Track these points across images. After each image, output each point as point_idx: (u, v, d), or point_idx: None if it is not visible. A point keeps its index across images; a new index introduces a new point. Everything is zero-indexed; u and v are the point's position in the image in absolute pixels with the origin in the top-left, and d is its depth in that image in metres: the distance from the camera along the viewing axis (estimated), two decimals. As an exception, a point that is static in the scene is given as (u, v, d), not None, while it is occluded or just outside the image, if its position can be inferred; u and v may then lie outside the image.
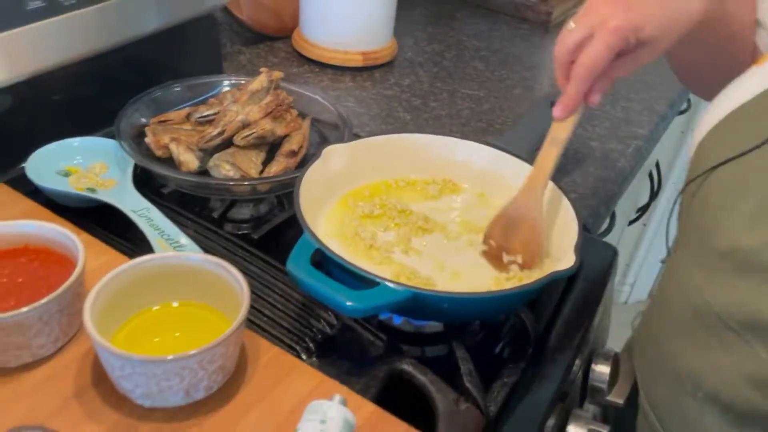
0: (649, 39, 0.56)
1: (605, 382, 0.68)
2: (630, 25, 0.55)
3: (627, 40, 0.55)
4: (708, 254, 0.53)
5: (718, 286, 0.52)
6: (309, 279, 0.53)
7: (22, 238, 0.52)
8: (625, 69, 0.59)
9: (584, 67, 0.56)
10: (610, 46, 0.55)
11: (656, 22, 0.55)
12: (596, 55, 0.55)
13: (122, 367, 0.44)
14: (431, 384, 0.54)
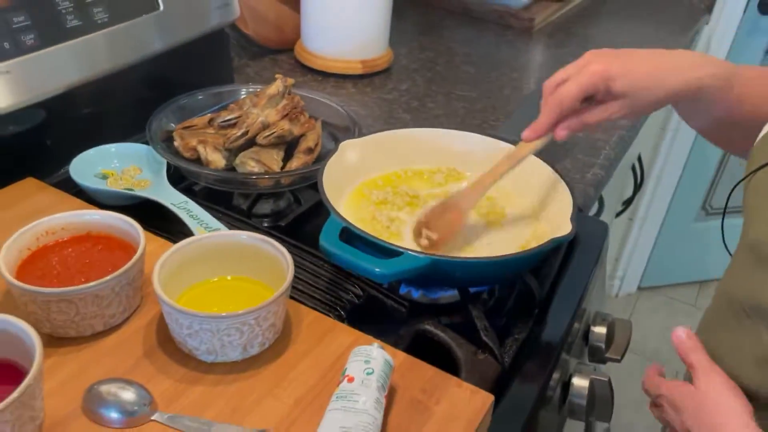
0: (620, 92, 0.62)
1: (603, 342, 0.76)
2: (604, 74, 0.61)
3: (596, 85, 0.62)
4: (743, 248, 0.59)
5: (742, 275, 0.58)
6: (341, 252, 0.60)
7: (84, 226, 0.59)
8: (595, 116, 0.64)
9: (556, 100, 0.63)
10: (581, 86, 0.62)
11: (631, 80, 0.61)
12: (568, 92, 0.62)
13: (190, 325, 0.50)
14: (452, 340, 0.62)
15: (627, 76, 0.62)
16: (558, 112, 0.64)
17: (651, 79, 0.62)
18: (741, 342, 0.57)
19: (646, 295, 2.30)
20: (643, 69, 0.62)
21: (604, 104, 0.64)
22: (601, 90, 0.62)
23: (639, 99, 0.62)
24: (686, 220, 2.17)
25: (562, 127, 0.65)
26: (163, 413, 0.48)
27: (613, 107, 0.63)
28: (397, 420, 0.50)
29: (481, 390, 0.53)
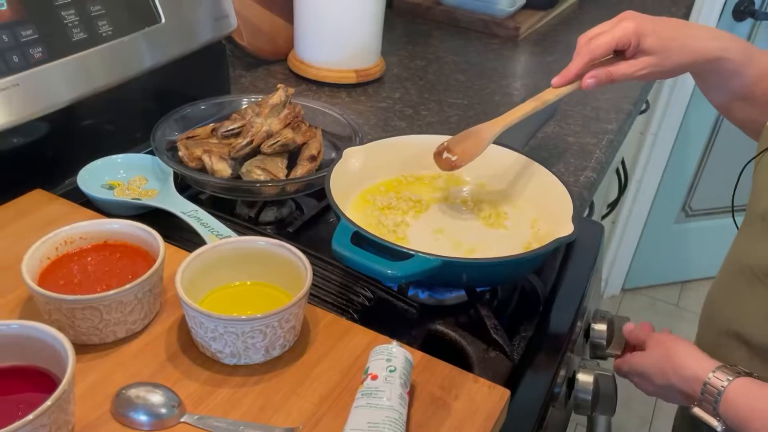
0: (648, 49, 0.66)
1: (604, 338, 0.78)
2: (637, 30, 0.66)
3: (630, 39, 0.66)
4: (753, 219, 0.63)
5: (756, 243, 0.62)
6: (354, 255, 0.62)
7: (102, 235, 0.60)
8: (622, 69, 0.68)
9: (588, 48, 0.68)
10: (614, 37, 0.66)
11: (662, 38, 0.66)
12: (601, 41, 0.67)
13: (215, 328, 0.52)
14: (463, 338, 0.63)
15: (657, 34, 0.66)
16: (588, 60, 0.68)
17: (678, 41, 0.67)
18: (754, 304, 0.61)
19: (630, 296, 2.35)
20: (672, 32, 0.67)
21: (632, 59, 0.68)
22: (632, 44, 0.66)
23: (665, 59, 0.67)
24: (667, 222, 2.22)
25: (590, 74, 0.69)
26: (192, 415, 0.50)
27: (640, 63, 0.67)
28: (418, 416, 0.51)
29: (497, 385, 0.55)
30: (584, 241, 0.82)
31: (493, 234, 0.75)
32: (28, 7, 0.71)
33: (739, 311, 0.63)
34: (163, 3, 0.85)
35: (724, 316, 0.66)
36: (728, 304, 0.66)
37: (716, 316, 0.68)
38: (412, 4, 1.57)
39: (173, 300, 0.60)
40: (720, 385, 0.59)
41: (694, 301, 2.33)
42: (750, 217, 0.65)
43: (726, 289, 0.67)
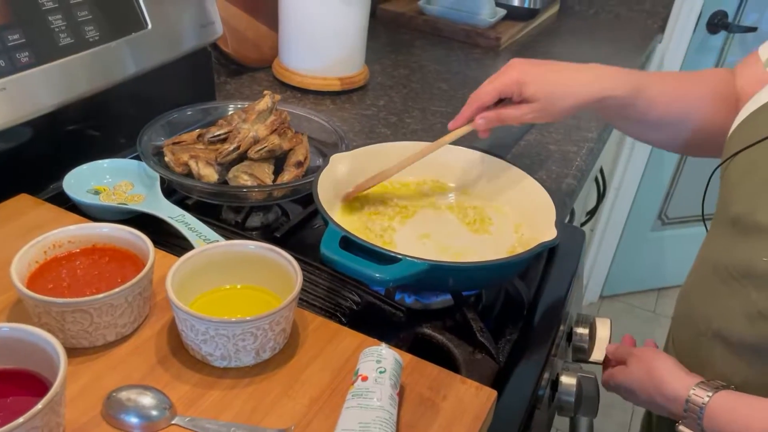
0: (531, 97, 0.72)
1: (586, 342, 0.80)
2: (518, 80, 0.72)
3: (511, 88, 0.72)
4: (725, 222, 0.65)
5: (729, 245, 0.63)
6: (342, 259, 0.63)
7: (90, 239, 0.60)
8: (509, 113, 0.74)
9: (474, 96, 0.75)
10: (496, 88, 0.73)
11: (542, 87, 0.71)
12: (484, 91, 0.74)
13: (206, 331, 0.52)
14: (449, 341, 0.64)
15: (538, 84, 0.72)
16: (477, 107, 0.75)
17: (560, 89, 0.72)
18: (731, 302, 0.62)
19: (608, 303, 2.38)
20: (553, 79, 0.73)
21: (518, 105, 0.74)
22: (515, 93, 0.73)
23: (548, 104, 0.72)
24: (644, 230, 2.26)
25: (480, 116, 0.76)
26: (183, 417, 0.50)
27: (524, 108, 0.73)
28: (408, 416, 0.52)
29: (484, 386, 0.56)
30: (566, 246, 0.84)
31: (478, 239, 0.77)
32: (15, 12, 0.71)
33: (717, 310, 0.65)
34: (149, 9, 0.86)
35: (701, 315, 0.67)
36: (705, 303, 0.67)
37: (693, 315, 0.69)
38: (395, 14, 1.59)
39: (162, 304, 0.61)
40: (701, 402, 0.60)
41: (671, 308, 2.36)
42: (720, 221, 0.67)
43: (702, 288, 0.68)
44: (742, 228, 0.61)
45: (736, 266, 0.61)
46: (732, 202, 0.63)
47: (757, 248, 0.59)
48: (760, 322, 0.59)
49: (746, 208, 0.61)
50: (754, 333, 0.60)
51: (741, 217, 0.61)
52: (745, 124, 0.65)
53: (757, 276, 0.59)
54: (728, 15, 1.86)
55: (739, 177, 0.63)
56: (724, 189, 0.66)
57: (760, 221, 0.59)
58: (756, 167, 0.61)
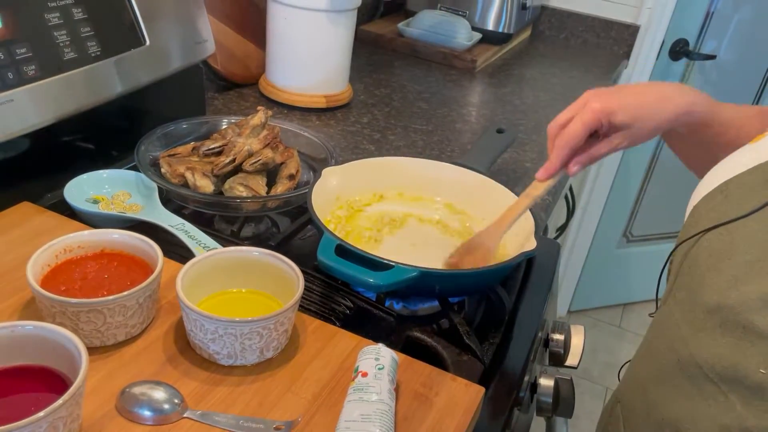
0: (621, 125, 0.67)
1: (561, 348, 0.85)
2: (605, 110, 0.67)
3: (600, 121, 0.67)
4: (695, 310, 0.56)
5: (702, 339, 0.55)
6: (338, 265, 0.67)
7: (99, 244, 0.63)
8: (602, 149, 0.69)
9: (563, 139, 0.69)
10: (585, 124, 0.67)
11: (630, 111, 0.67)
12: (574, 130, 0.68)
13: (215, 330, 0.55)
14: (438, 344, 0.69)
15: (626, 109, 0.67)
16: (568, 151, 0.69)
17: (647, 109, 0.68)
18: (704, 408, 0.55)
19: (575, 317, 2.45)
20: (638, 101, 0.68)
21: (608, 138, 0.69)
22: (604, 125, 0.68)
23: (639, 129, 0.68)
24: (610, 246, 2.34)
25: (573, 163, 0.70)
26: (194, 410, 0.53)
27: (617, 139, 0.69)
28: (404, 410, 0.56)
29: (473, 383, 0.60)
30: (543, 257, 0.89)
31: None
32: (23, 27, 0.74)
33: (685, 414, 0.56)
34: (148, 27, 0.89)
35: (666, 415, 0.59)
36: (669, 401, 0.59)
37: (654, 413, 0.60)
38: (375, 35, 1.64)
39: (167, 306, 0.64)
40: None
41: (635, 323, 2.45)
42: (683, 306, 0.59)
43: (663, 383, 0.60)
44: (722, 322, 0.53)
45: (715, 368, 0.53)
46: (705, 288, 0.55)
47: (750, 354, 0.51)
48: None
49: (729, 300, 0.52)
50: None
51: (721, 310, 0.53)
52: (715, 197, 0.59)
53: (748, 387, 0.51)
54: (689, 43, 1.96)
55: (713, 260, 0.55)
56: (690, 270, 0.58)
57: (756, 325, 0.50)
58: (733, 250, 0.54)
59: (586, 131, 0.68)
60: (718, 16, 1.94)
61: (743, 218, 0.54)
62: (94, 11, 0.82)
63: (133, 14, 0.88)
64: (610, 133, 0.69)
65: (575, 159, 0.70)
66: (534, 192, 0.74)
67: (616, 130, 0.68)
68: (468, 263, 0.74)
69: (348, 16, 1.16)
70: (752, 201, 0.54)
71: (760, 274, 0.51)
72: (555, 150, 0.70)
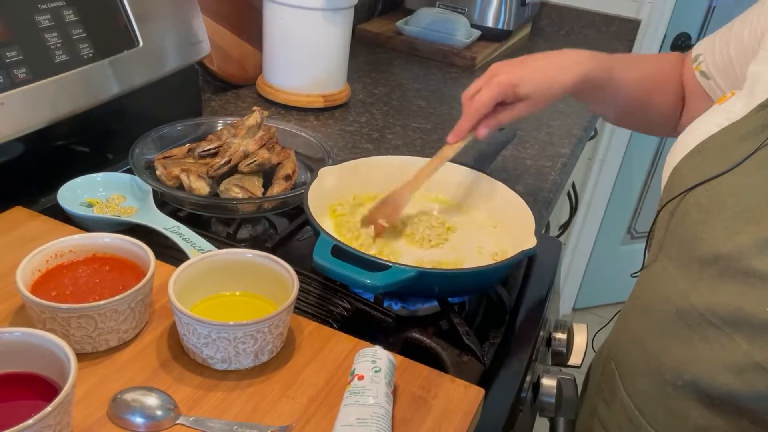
0: (524, 95, 0.76)
1: (564, 347, 0.84)
2: (509, 82, 0.75)
3: (506, 93, 0.76)
4: (690, 264, 0.59)
5: (701, 289, 0.58)
6: (334, 266, 0.65)
7: (91, 248, 0.62)
8: (507, 116, 0.78)
9: (472, 108, 0.77)
10: (492, 96, 0.76)
11: (531, 84, 0.76)
12: (481, 101, 0.76)
13: (208, 334, 0.54)
14: (437, 345, 0.67)
15: (527, 82, 0.76)
16: (476, 117, 0.78)
17: (547, 81, 0.77)
18: (709, 351, 0.58)
19: (580, 315, 2.43)
20: (539, 74, 0.77)
21: (513, 105, 0.78)
22: (509, 95, 0.76)
23: (540, 97, 0.77)
24: (614, 243, 2.32)
25: (482, 126, 0.79)
26: (187, 416, 0.52)
27: (519, 108, 0.78)
28: (402, 413, 0.55)
29: (472, 385, 0.59)
30: (544, 255, 0.88)
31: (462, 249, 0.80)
32: (13, 29, 0.73)
33: (689, 359, 0.59)
34: (141, 28, 0.88)
35: (667, 364, 0.62)
36: (670, 350, 0.62)
37: (654, 364, 0.63)
38: (374, 34, 1.63)
39: (160, 311, 0.63)
40: None
41: (641, 320, 2.43)
42: (678, 259, 0.62)
43: (662, 333, 0.63)
44: (721, 270, 0.56)
45: (718, 314, 0.56)
46: (699, 241, 0.59)
47: (754, 296, 0.54)
48: (754, 375, 0.55)
49: (725, 250, 0.56)
50: (743, 387, 0.56)
51: (719, 259, 0.56)
52: (694, 157, 0.62)
53: (754, 326, 0.54)
54: (691, 37, 1.94)
55: (703, 215, 0.59)
56: (680, 227, 0.62)
57: (756, 269, 0.54)
58: (722, 204, 0.57)
59: (492, 102, 0.76)
60: (719, 10, 1.92)
61: (725, 173, 0.58)
62: (85, 13, 0.81)
63: (126, 15, 0.87)
64: (515, 102, 0.77)
65: (483, 122, 0.78)
66: (445, 153, 0.81)
67: (520, 99, 0.77)
68: (380, 215, 0.80)
69: (345, 14, 1.15)
70: (730, 157, 0.58)
71: (750, 223, 0.55)
72: (464, 117, 0.79)
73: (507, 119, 0.78)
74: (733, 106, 0.63)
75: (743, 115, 0.61)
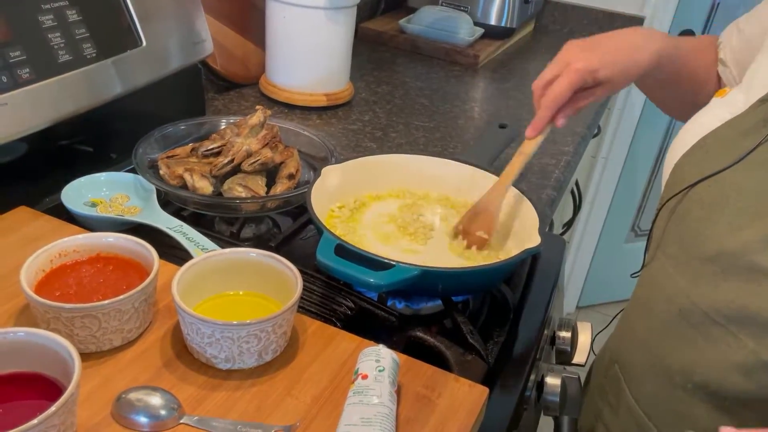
0: (604, 79, 0.72)
1: (568, 345, 0.83)
2: (588, 68, 0.71)
3: (585, 79, 0.71)
4: (691, 261, 0.58)
5: (702, 287, 0.57)
6: (338, 265, 0.65)
7: (95, 248, 0.62)
8: (585, 101, 0.75)
9: (550, 98, 0.72)
10: (572, 83, 0.71)
11: (610, 67, 0.72)
12: (560, 90, 0.72)
13: (212, 333, 0.54)
14: (441, 343, 0.67)
15: (606, 66, 0.72)
16: (555, 108, 0.73)
17: (625, 62, 0.73)
18: (715, 351, 0.57)
19: (584, 313, 2.43)
20: (616, 57, 0.72)
21: (591, 90, 0.74)
22: (588, 82, 0.72)
23: (619, 81, 0.73)
24: (618, 241, 2.32)
25: (560, 116, 0.75)
26: (191, 416, 0.52)
27: (599, 90, 0.74)
28: (406, 413, 0.55)
29: (477, 384, 0.58)
30: (548, 253, 0.88)
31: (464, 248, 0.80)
32: (16, 29, 0.73)
33: (696, 360, 0.58)
34: (144, 27, 0.88)
35: (675, 366, 0.61)
36: (677, 352, 0.60)
37: (662, 366, 0.62)
38: (377, 32, 1.63)
39: (164, 310, 0.63)
40: None
41: (645, 318, 2.43)
42: (677, 258, 0.61)
43: (667, 334, 0.62)
44: (723, 268, 0.55)
45: (722, 312, 0.55)
46: (700, 238, 0.58)
47: (758, 294, 0.53)
48: (761, 375, 0.54)
49: (729, 247, 0.55)
50: (753, 387, 0.55)
51: (722, 257, 0.56)
52: (696, 152, 0.62)
53: (759, 324, 0.53)
54: (695, 34, 1.94)
55: (705, 211, 0.58)
56: (680, 224, 0.61)
57: (761, 265, 0.52)
58: (725, 200, 0.56)
59: (571, 90, 0.72)
60: (724, 6, 1.91)
61: (728, 169, 0.57)
62: (88, 13, 0.81)
63: (129, 15, 0.87)
64: (594, 88, 0.74)
65: (561, 112, 0.74)
66: (526, 149, 0.78)
67: (599, 84, 0.73)
68: (475, 228, 0.77)
69: (347, 13, 1.14)
70: (732, 153, 0.57)
71: (755, 219, 0.54)
72: (542, 109, 0.74)
73: (585, 104, 0.75)
74: (734, 100, 0.63)
75: (744, 110, 0.60)
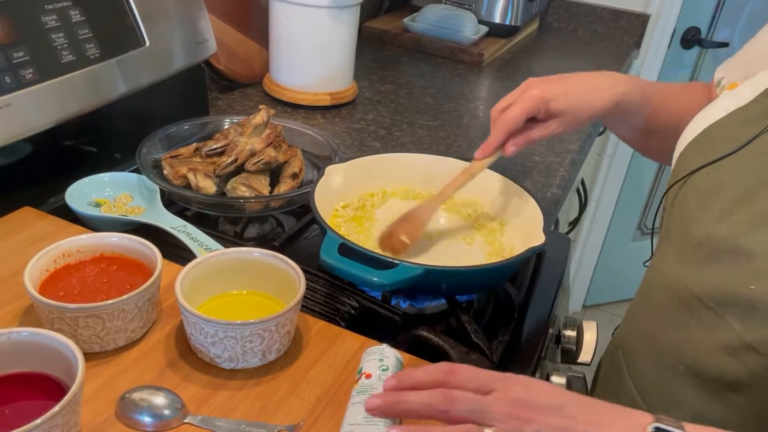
0: (556, 112, 0.73)
1: (573, 344, 0.83)
2: (542, 96, 0.72)
3: (538, 107, 0.73)
4: (686, 246, 0.59)
5: (695, 271, 0.58)
6: (341, 265, 0.65)
7: (98, 248, 0.62)
8: (538, 133, 0.75)
9: (503, 122, 0.74)
10: (524, 109, 0.73)
11: (563, 100, 0.73)
12: (513, 115, 0.73)
13: (215, 333, 0.54)
14: (445, 343, 0.67)
15: (562, 98, 0.73)
16: (506, 133, 0.74)
17: (582, 99, 0.74)
18: (703, 334, 0.57)
19: (590, 312, 2.42)
20: (574, 91, 0.74)
21: (545, 122, 0.75)
22: (541, 111, 0.73)
23: (573, 117, 0.75)
24: (624, 240, 2.31)
25: (510, 144, 0.76)
26: (195, 416, 0.52)
27: (552, 125, 0.75)
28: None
29: (481, 382, 0.58)
30: (553, 252, 0.87)
31: (470, 247, 0.80)
32: (19, 30, 0.73)
33: (686, 342, 0.59)
34: (147, 27, 0.88)
35: (668, 348, 0.61)
36: (670, 335, 0.61)
37: (656, 348, 0.63)
38: (380, 31, 1.62)
39: (168, 310, 0.63)
40: None
41: (652, 317, 2.42)
42: (675, 244, 0.62)
43: (663, 318, 0.63)
44: (712, 252, 0.56)
45: (711, 295, 0.56)
46: (694, 224, 0.59)
47: (740, 275, 0.54)
48: (747, 355, 0.54)
49: (718, 231, 0.56)
50: (739, 368, 0.55)
51: (710, 241, 0.56)
52: (700, 141, 0.63)
53: (742, 306, 0.54)
54: (701, 31, 1.93)
55: (701, 198, 0.59)
56: (680, 211, 0.62)
57: (742, 245, 0.54)
58: (721, 186, 0.57)
59: (524, 116, 0.73)
60: (730, 3, 1.90)
61: (727, 156, 0.58)
62: (92, 13, 0.81)
63: (132, 15, 0.87)
64: (547, 118, 0.74)
65: (512, 141, 0.75)
66: (472, 170, 0.78)
67: (552, 116, 0.74)
68: (400, 231, 0.76)
69: (351, 12, 1.14)
70: (734, 141, 0.58)
71: (746, 203, 0.55)
72: (494, 132, 0.75)
73: (537, 137, 0.75)
74: (742, 92, 0.63)
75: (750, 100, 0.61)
